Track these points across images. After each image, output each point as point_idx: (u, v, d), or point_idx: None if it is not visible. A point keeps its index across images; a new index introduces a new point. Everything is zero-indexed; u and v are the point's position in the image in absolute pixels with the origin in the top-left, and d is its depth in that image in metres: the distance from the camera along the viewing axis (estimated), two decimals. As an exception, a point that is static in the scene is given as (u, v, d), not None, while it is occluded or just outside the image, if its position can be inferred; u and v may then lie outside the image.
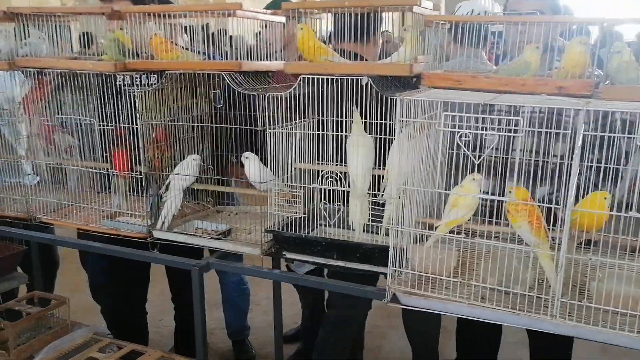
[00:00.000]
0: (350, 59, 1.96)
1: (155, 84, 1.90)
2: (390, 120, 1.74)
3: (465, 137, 1.32)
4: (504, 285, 1.37)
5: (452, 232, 1.51)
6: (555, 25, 1.61)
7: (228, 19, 1.75)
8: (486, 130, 1.30)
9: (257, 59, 1.85)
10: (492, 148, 1.38)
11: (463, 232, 1.47)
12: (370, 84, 1.59)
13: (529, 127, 1.33)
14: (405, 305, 1.47)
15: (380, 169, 1.74)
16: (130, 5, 2.17)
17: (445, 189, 1.54)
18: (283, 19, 1.97)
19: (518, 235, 1.48)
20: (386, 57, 1.88)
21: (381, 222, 1.73)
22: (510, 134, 1.27)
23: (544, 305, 1.35)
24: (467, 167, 1.47)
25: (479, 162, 1.34)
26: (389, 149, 1.71)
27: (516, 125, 1.26)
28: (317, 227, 1.88)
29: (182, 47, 2.04)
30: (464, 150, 1.33)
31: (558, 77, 1.51)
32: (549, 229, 1.47)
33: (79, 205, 2.19)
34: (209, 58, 2.06)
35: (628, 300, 1.27)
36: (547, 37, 1.57)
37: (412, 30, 1.67)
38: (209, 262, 1.80)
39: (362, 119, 1.72)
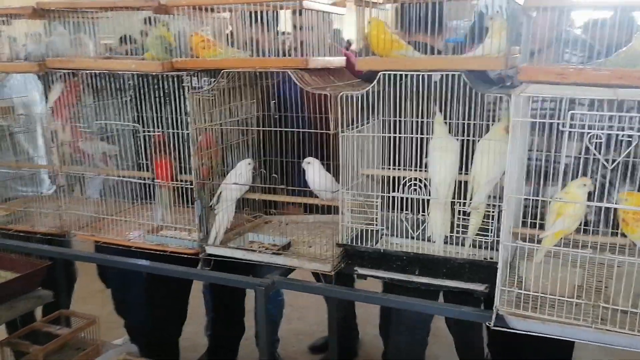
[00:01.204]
0: (425, 52, 1.78)
1: (206, 85, 1.72)
2: (474, 120, 1.57)
3: (598, 138, 1.15)
4: (639, 307, 1.20)
5: (563, 245, 1.34)
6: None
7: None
8: (622, 129, 1.13)
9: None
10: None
11: (589, 246, 1.29)
12: (464, 80, 1.41)
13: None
14: (514, 329, 1.30)
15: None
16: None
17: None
18: (344, 11, 1.80)
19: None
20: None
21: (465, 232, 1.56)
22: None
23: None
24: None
25: (612, 166, 1.16)
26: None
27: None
28: (380, 239, 1.71)
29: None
30: (594, 153, 1.16)
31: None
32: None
33: (116, 219, 2.00)
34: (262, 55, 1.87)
35: None
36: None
37: (500, 18, 1.50)
38: (274, 280, 1.62)
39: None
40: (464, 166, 1.57)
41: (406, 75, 1.52)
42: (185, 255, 1.79)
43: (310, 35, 1.61)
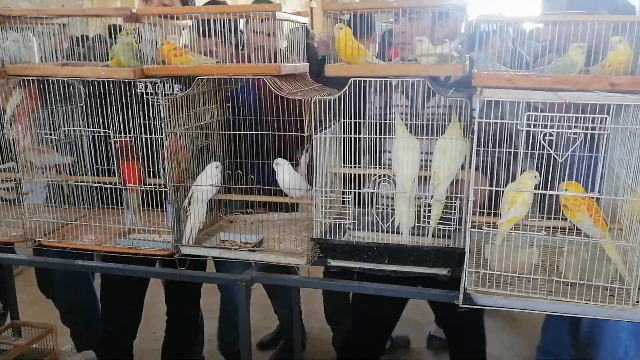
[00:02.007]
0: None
1: (178, 92, 1.78)
2: (432, 121, 1.74)
3: (549, 136, 1.33)
4: (586, 279, 1.40)
5: (516, 229, 1.53)
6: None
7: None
8: (569, 128, 1.33)
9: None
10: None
11: (544, 229, 1.49)
12: (428, 85, 1.57)
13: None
14: (482, 306, 1.48)
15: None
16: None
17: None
18: (306, 20, 1.91)
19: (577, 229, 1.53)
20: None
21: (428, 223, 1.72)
22: (596, 132, 1.30)
23: (618, 295, 1.40)
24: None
25: (562, 159, 1.36)
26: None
27: (601, 122, 1.29)
28: (345, 233, 1.84)
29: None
30: (547, 149, 1.35)
31: (602, 74, 1.57)
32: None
33: (84, 225, 2.01)
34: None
35: None
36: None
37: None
38: (253, 276, 1.71)
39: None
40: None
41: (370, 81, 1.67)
42: (159, 257, 1.84)
43: (282, 43, 1.71)
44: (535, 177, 1.54)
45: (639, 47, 1.56)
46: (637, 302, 1.37)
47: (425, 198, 1.71)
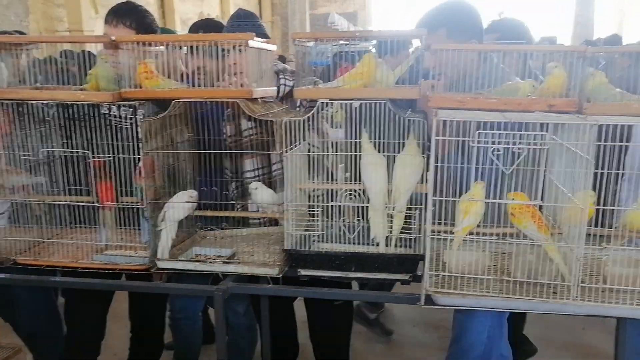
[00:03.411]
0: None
1: (125, 114, 1.90)
2: (391, 139, 1.90)
3: (497, 151, 1.51)
4: (532, 278, 1.57)
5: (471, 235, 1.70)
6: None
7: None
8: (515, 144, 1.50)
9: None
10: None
11: (494, 235, 1.65)
12: (389, 107, 1.73)
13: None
14: (441, 305, 1.63)
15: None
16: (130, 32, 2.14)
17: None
18: (275, 47, 2.06)
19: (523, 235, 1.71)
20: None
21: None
22: (538, 147, 1.48)
23: (560, 291, 1.57)
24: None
25: (509, 171, 1.53)
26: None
27: (542, 139, 1.47)
28: (312, 245, 1.97)
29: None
30: (497, 163, 1.52)
31: (542, 96, 1.77)
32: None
33: (57, 243, 2.07)
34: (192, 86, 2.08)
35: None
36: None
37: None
38: (227, 286, 1.81)
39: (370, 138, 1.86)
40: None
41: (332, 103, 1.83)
42: (135, 272, 1.92)
43: (253, 69, 1.85)
44: (483, 187, 1.71)
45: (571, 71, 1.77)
46: (577, 297, 1.55)
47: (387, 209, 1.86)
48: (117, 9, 2.36)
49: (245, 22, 2.50)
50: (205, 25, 2.80)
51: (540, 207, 1.75)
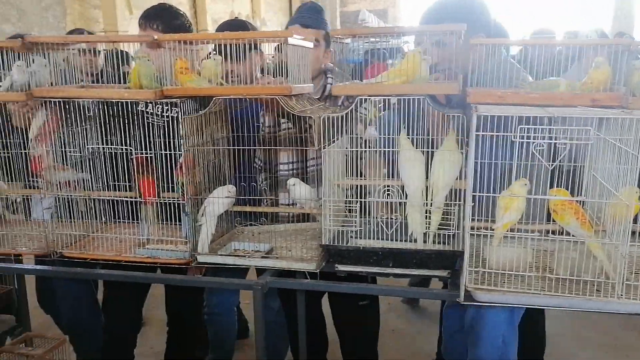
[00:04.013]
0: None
1: (190, 111, 1.93)
2: (430, 135, 1.90)
3: (540, 146, 1.49)
4: (575, 275, 1.55)
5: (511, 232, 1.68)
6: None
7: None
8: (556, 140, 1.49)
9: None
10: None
11: (537, 231, 1.64)
12: (428, 102, 1.73)
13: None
14: (480, 302, 1.62)
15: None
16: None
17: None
18: (311, 44, 2.07)
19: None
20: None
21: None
22: (581, 142, 1.46)
23: (604, 289, 1.55)
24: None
25: (552, 167, 1.51)
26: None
27: (586, 134, 1.45)
28: (348, 241, 1.98)
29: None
30: (539, 159, 1.51)
31: (586, 90, 1.74)
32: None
33: (100, 236, 2.12)
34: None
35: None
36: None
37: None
38: (266, 281, 1.84)
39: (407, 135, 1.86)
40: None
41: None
42: (176, 266, 1.96)
43: (292, 66, 1.86)
44: (525, 184, 1.70)
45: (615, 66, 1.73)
46: (621, 295, 1.52)
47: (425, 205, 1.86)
48: (147, 13, 2.41)
49: (315, 16, 2.50)
50: (229, 26, 2.80)
51: (583, 205, 1.72)
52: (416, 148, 1.87)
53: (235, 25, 2.81)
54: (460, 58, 1.81)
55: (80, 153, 2.06)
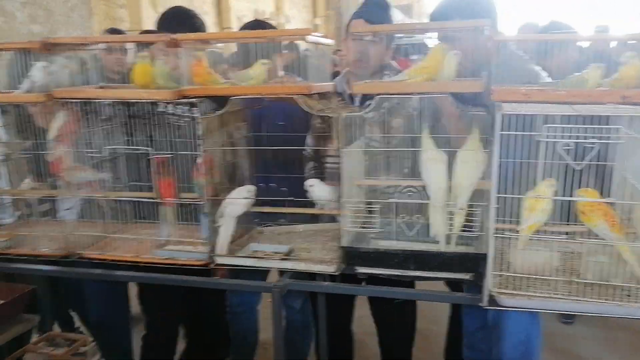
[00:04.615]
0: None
1: (208, 111, 1.91)
2: (453, 134, 1.85)
3: (567, 146, 1.44)
4: (604, 279, 1.49)
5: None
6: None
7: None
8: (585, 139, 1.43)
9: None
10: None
11: (566, 233, 1.58)
12: (452, 101, 1.68)
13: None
14: (505, 307, 1.57)
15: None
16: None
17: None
18: (332, 42, 2.04)
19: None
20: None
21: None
22: (611, 142, 1.40)
23: (635, 294, 1.49)
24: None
25: (580, 168, 1.45)
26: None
27: (617, 132, 1.39)
28: (369, 241, 1.94)
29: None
30: (566, 159, 1.45)
31: (616, 87, 1.67)
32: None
33: (120, 237, 2.12)
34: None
35: None
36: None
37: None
38: (285, 283, 1.81)
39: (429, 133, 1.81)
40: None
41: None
42: (196, 267, 1.95)
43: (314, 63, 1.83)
44: (552, 185, 1.64)
45: None
46: (653, 300, 1.46)
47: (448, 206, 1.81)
48: (162, 19, 2.40)
49: (381, 12, 2.39)
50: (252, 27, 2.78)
51: (613, 206, 1.66)
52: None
53: (257, 26, 2.79)
54: (477, 54, 1.76)
55: (100, 154, 2.05)
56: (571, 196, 1.64)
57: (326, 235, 2.15)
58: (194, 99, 1.84)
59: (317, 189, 1.97)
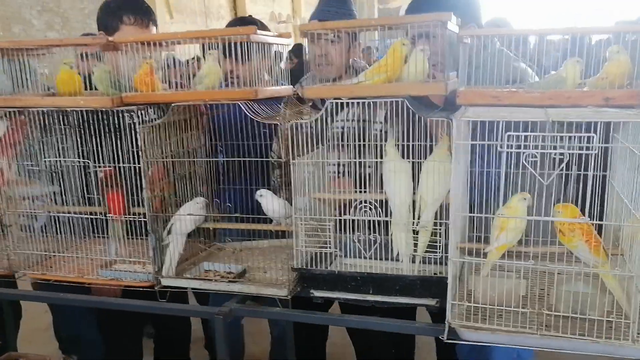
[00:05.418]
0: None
1: (155, 118, 1.74)
2: (414, 142, 1.64)
3: (532, 157, 1.23)
4: (579, 312, 1.28)
5: (507, 256, 1.42)
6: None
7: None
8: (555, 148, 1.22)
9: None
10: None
11: (531, 256, 1.37)
12: (407, 105, 1.48)
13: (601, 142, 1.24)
14: (467, 341, 1.36)
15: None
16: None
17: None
18: (289, 41, 1.86)
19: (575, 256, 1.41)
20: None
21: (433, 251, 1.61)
22: (583, 152, 1.19)
23: (616, 329, 1.27)
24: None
25: (547, 182, 1.25)
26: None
27: (588, 141, 1.18)
28: (334, 260, 1.76)
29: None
30: (531, 171, 1.25)
31: (598, 87, 1.46)
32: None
33: (66, 256, 1.97)
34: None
35: None
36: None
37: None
38: (231, 308, 1.63)
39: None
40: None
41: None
42: (141, 289, 1.78)
43: (259, 66, 1.65)
44: (524, 199, 1.43)
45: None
46: (638, 338, 1.24)
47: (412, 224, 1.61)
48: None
49: (337, 7, 2.24)
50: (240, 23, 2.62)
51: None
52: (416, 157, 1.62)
53: (244, 22, 2.62)
54: (452, 52, 1.57)
55: (37, 166, 1.90)
56: (550, 211, 1.43)
57: (290, 251, 1.97)
58: (134, 107, 1.68)
59: (266, 200, 1.78)
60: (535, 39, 1.74)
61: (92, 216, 1.91)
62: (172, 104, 1.69)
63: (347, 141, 1.71)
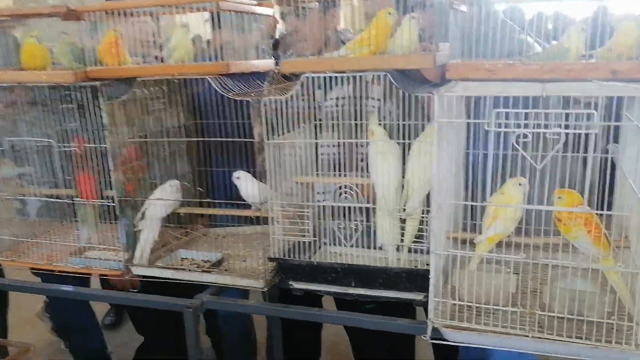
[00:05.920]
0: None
1: (123, 94, 1.61)
2: (408, 121, 1.50)
3: (524, 137, 1.08)
4: (576, 313, 1.14)
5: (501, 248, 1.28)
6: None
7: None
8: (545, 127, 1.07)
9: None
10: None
11: (523, 248, 1.22)
12: (390, 80, 1.33)
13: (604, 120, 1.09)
14: (451, 342, 1.23)
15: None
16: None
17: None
18: (271, 11, 1.71)
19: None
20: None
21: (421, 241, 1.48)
22: (582, 131, 1.04)
23: (617, 331, 1.13)
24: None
25: (541, 166, 1.10)
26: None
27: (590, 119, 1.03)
28: (319, 249, 1.63)
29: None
30: (522, 153, 1.10)
31: (605, 59, 1.30)
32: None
33: (39, 241, 1.86)
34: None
35: None
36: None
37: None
38: (202, 300, 1.52)
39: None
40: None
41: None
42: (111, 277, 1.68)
43: (232, 38, 1.51)
44: (520, 184, 1.28)
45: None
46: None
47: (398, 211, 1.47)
48: None
49: None
50: None
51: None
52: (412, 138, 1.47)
53: None
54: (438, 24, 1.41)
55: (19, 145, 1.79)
56: (550, 195, 1.28)
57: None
58: (97, 82, 1.55)
59: (242, 183, 1.65)
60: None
61: (59, 200, 1.79)
62: (138, 79, 1.55)
63: (338, 120, 1.57)
